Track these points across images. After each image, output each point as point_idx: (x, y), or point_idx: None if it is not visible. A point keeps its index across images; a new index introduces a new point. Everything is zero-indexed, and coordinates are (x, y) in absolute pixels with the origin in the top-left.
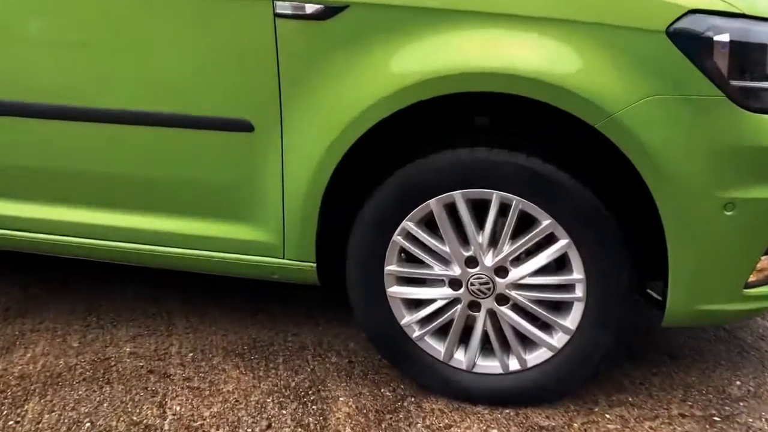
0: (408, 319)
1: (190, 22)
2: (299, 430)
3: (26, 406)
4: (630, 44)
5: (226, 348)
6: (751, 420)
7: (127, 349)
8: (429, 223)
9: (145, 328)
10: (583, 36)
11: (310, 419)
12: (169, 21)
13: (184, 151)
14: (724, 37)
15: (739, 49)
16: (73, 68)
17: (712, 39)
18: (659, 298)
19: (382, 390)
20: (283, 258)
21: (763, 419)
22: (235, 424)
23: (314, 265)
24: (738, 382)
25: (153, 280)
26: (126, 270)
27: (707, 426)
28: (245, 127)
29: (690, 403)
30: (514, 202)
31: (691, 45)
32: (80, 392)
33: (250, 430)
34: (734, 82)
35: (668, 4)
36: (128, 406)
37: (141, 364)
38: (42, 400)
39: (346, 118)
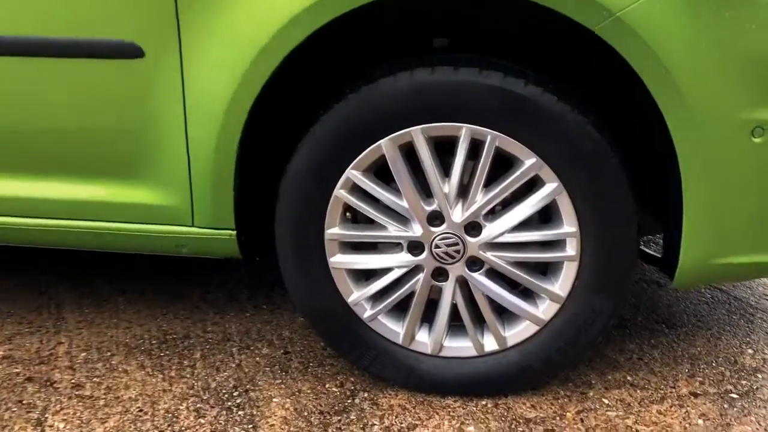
0: (357, 295)
1: None
2: None
3: None
4: None
5: (129, 344)
6: None
7: (0, 353)
8: (380, 172)
9: (26, 325)
10: None
11: (236, 429)
12: None
13: (51, 89)
14: None
15: None
16: None
17: None
18: (657, 255)
19: (327, 386)
20: (192, 225)
21: None
22: None
23: (234, 233)
24: (750, 351)
25: (37, 262)
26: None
27: (725, 405)
28: (131, 52)
29: (700, 379)
30: (488, 137)
31: None
32: None
33: None
34: None
35: None
36: None
37: (17, 370)
38: None
39: (262, 37)
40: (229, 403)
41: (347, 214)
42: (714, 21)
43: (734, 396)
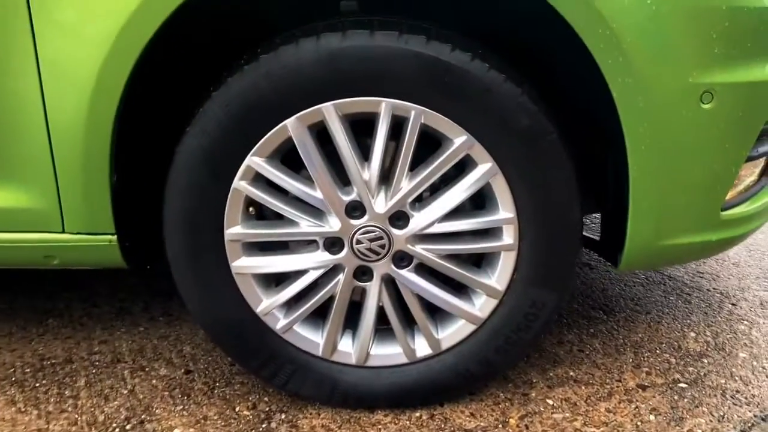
0: (267, 303)
1: None
2: None
3: None
4: None
5: None
6: (723, 380)
7: None
8: (288, 158)
9: None
10: None
11: None
12: None
13: None
14: None
15: None
16: None
17: None
18: (595, 238)
19: (237, 409)
20: (63, 231)
21: (736, 377)
22: None
23: (114, 237)
24: (692, 334)
25: None
26: None
27: (675, 397)
28: None
29: (646, 369)
30: (412, 113)
31: None
32: None
33: None
34: None
35: None
36: None
37: None
38: None
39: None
40: None
41: (250, 209)
42: None
43: (683, 385)
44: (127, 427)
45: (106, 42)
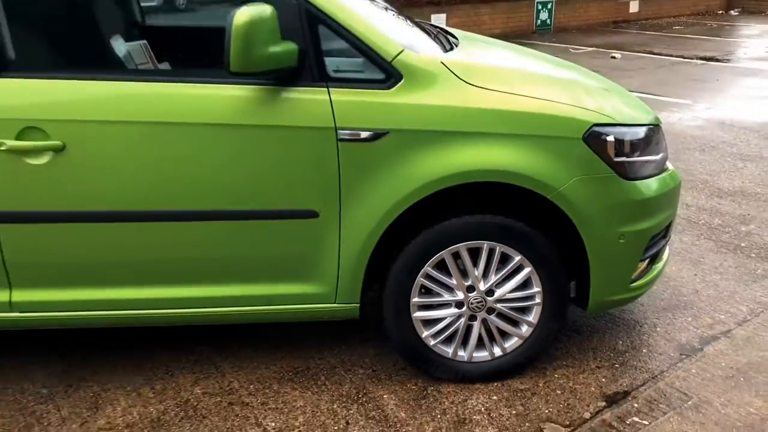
0: (426, 334)
1: (276, 145)
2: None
3: None
4: (564, 147)
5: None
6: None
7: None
8: (439, 265)
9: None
10: (537, 144)
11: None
12: (259, 145)
13: (268, 236)
14: (611, 138)
15: (618, 142)
16: (188, 183)
17: (606, 139)
18: (572, 295)
19: (408, 386)
20: (335, 303)
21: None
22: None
23: (358, 304)
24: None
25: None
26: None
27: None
28: (312, 214)
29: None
30: (498, 247)
31: (595, 144)
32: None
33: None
34: (617, 159)
35: (581, 122)
36: None
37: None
38: None
39: (388, 204)
40: (359, 401)
41: (422, 289)
42: (599, 189)
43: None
44: (359, 396)
45: (382, 208)
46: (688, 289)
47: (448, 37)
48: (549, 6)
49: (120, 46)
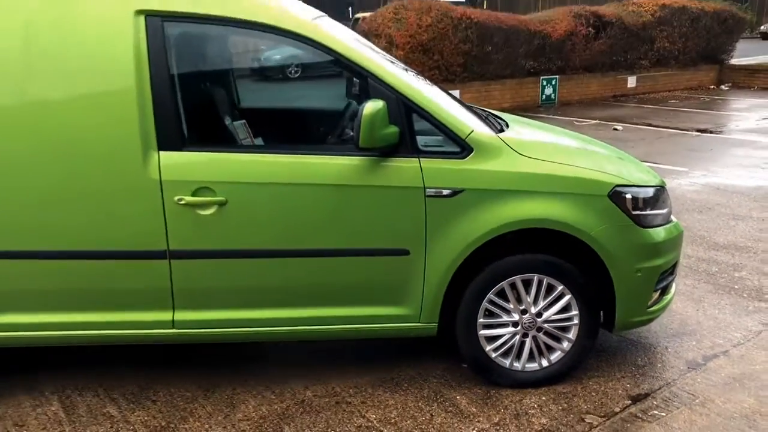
0: (489, 348)
1: (380, 200)
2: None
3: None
4: (594, 202)
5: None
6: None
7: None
8: (499, 293)
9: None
10: (573, 200)
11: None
12: (367, 200)
13: (371, 268)
14: (629, 195)
15: (634, 199)
16: (303, 227)
17: (625, 196)
18: (600, 321)
19: (474, 390)
20: (419, 322)
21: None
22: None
23: (437, 324)
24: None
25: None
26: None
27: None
28: (405, 252)
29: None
30: (545, 279)
31: (617, 200)
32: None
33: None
34: (634, 212)
35: (606, 183)
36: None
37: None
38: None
39: (462, 244)
40: (436, 401)
41: (486, 311)
42: (622, 235)
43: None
44: (438, 396)
45: (458, 248)
46: (692, 321)
47: (498, 119)
48: (553, 82)
49: (230, 124)
